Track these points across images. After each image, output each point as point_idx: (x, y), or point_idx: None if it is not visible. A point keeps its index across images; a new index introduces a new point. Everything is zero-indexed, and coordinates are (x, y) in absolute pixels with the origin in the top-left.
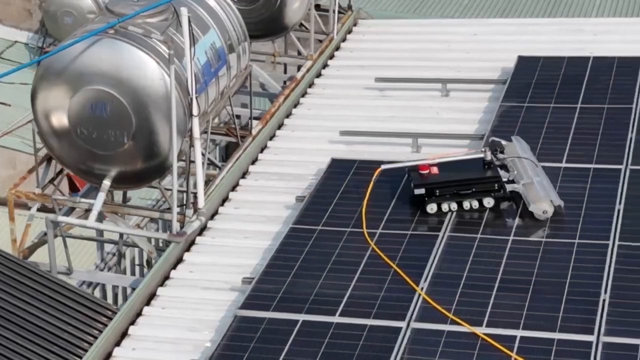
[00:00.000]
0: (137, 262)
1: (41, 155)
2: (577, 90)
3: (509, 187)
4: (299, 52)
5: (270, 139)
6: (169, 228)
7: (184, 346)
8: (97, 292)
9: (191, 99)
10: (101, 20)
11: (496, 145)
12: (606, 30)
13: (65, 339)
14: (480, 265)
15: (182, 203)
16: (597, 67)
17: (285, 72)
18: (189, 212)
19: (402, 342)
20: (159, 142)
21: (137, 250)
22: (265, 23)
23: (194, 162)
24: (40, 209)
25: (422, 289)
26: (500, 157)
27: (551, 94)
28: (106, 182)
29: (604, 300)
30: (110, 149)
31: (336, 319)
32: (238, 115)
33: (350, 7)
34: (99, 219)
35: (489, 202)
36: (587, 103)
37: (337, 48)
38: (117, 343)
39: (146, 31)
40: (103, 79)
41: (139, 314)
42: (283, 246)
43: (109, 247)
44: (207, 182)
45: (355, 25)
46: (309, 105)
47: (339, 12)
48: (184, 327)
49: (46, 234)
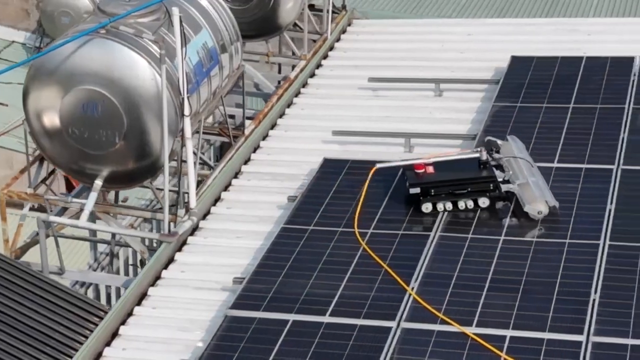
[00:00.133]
0: (130, 262)
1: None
2: (570, 90)
3: (504, 187)
4: (293, 52)
5: (263, 138)
6: (161, 228)
7: (174, 346)
8: (90, 293)
9: (183, 98)
10: (93, 20)
11: (492, 145)
12: (602, 30)
13: (57, 339)
14: (471, 265)
15: (174, 203)
16: (590, 67)
17: (279, 72)
18: (181, 212)
19: (392, 342)
20: (150, 142)
21: (130, 250)
22: (259, 23)
23: (186, 162)
24: (34, 209)
25: (413, 289)
26: (496, 156)
27: (544, 94)
28: (98, 182)
29: (594, 300)
30: (101, 149)
31: (326, 319)
32: (233, 115)
33: (344, 7)
34: (91, 219)
35: (484, 202)
36: (580, 103)
37: (331, 48)
38: (108, 343)
39: (138, 31)
40: (94, 79)
41: (129, 313)
42: (274, 246)
43: (102, 247)
44: (200, 182)
45: (349, 25)
46: (303, 105)
47: (333, 12)
48: (175, 327)
49: (38, 233)
